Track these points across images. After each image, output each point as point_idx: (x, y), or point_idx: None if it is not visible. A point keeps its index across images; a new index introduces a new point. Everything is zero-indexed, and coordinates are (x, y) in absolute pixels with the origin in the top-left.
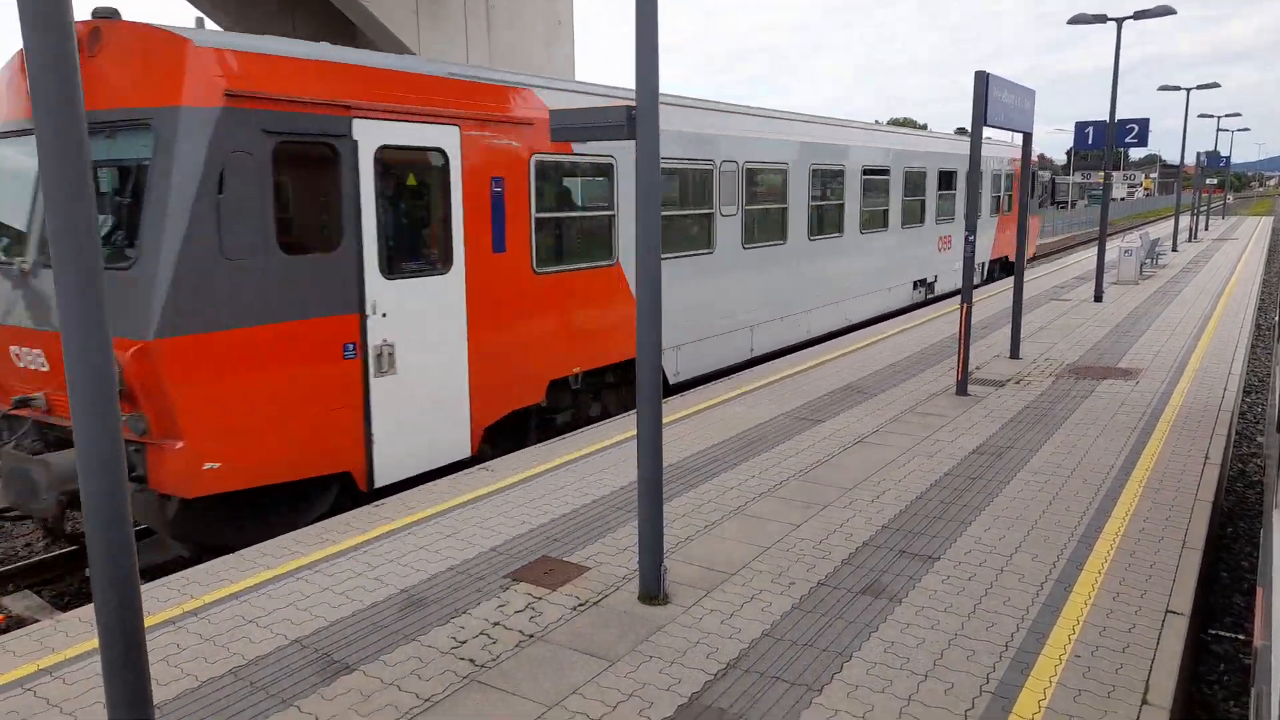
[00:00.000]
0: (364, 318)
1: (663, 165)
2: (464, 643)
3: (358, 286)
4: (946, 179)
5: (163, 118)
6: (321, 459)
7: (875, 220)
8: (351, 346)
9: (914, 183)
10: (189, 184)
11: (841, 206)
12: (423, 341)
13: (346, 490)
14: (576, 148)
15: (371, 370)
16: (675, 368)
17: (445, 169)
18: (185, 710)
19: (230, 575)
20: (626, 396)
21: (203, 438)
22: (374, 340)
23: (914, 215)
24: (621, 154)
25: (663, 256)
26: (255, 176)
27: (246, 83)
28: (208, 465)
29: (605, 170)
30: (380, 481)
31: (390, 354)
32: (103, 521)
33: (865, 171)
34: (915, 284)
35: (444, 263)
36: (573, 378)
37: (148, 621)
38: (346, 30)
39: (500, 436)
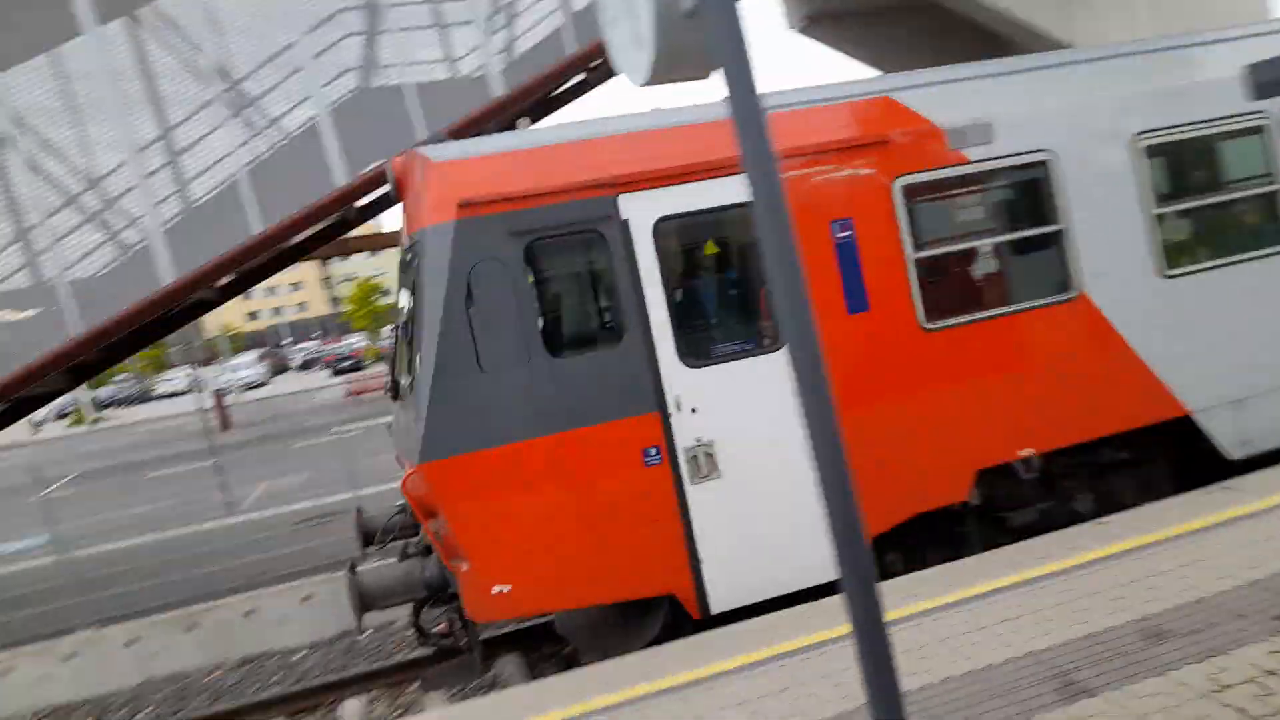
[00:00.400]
0: (665, 416)
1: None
2: (1227, 687)
3: (653, 381)
4: None
5: (418, 241)
6: (633, 581)
7: None
8: (654, 451)
9: None
10: (436, 302)
11: None
12: (753, 437)
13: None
14: (988, 150)
15: (685, 476)
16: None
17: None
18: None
19: (963, 581)
20: (1149, 477)
21: (487, 560)
22: (683, 441)
23: None
24: (1066, 143)
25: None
26: (506, 282)
27: (482, 188)
28: (496, 589)
29: (1034, 173)
30: (719, 607)
31: (708, 454)
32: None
33: None
34: None
35: (770, 338)
36: (1020, 463)
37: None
38: (992, 42)
39: (915, 545)
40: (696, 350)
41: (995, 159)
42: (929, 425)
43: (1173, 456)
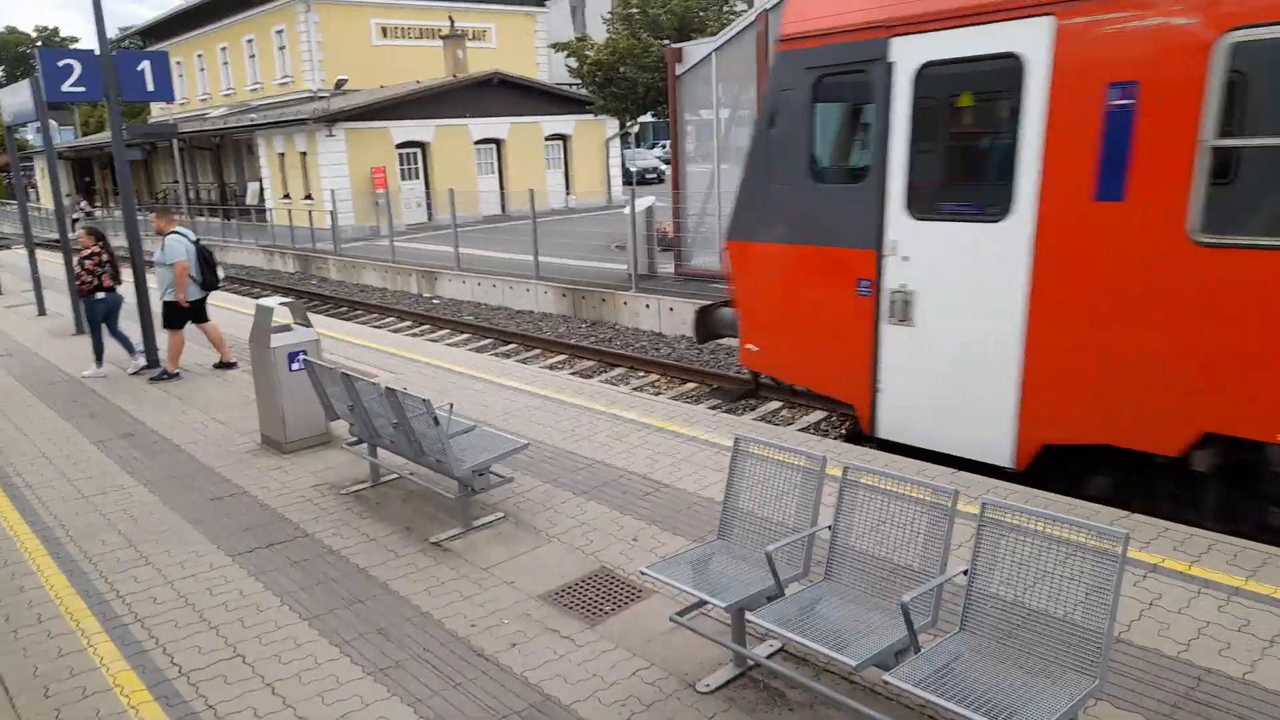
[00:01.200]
0: (880, 257)
1: None
2: None
3: (877, 223)
4: None
5: None
6: (829, 382)
7: None
8: (865, 284)
9: None
10: (760, 121)
11: None
12: (953, 299)
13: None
14: None
15: (884, 313)
16: None
17: (1018, 83)
18: None
19: None
20: None
21: (748, 322)
22: (889, 283)
23: None
24: None
25: None
26: (797, 112)
27: (796, 25)
28: (750, 345)
29: None
30: (883, 432)
31: (906, 302)
32: None
33: None
34: None
35: (998, 208)
36: (1265, 444)
37: None
38: None
39: (1092, 472)
40: (921, 203)
41: None
42: (1155, 358)
43: None
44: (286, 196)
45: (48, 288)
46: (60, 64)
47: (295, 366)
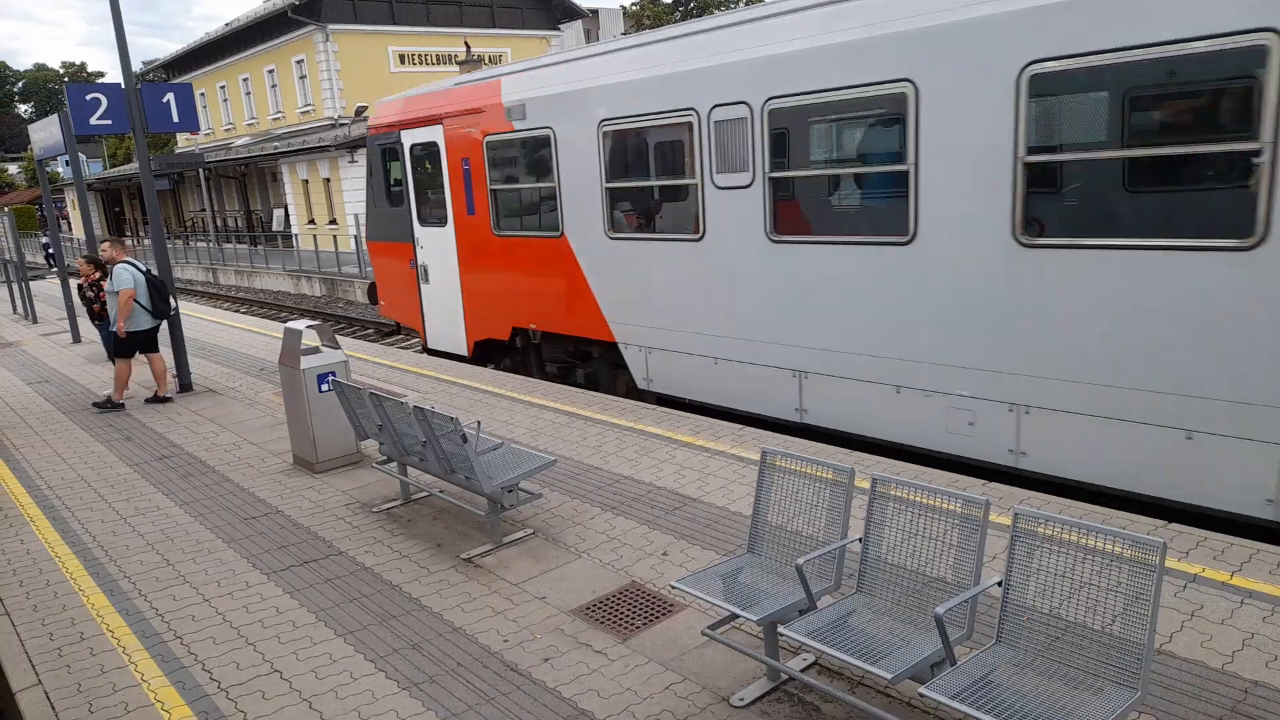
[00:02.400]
0: (416, 246)
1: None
2: None
3: (411, 228)
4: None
5: None
6: (410, 320)
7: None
8: (413, 262)
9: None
10: (367, 173)
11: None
12: (439, 269)
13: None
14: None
15: (420, 278)
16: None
17: (438, 154)
18: None
19: None
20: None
21: (379, 288)
22: (420, 261)
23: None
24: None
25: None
26: (376, 167)
27: (373, 122)
28: (381, 302)
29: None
30: (431, 345)
31: (426, 270)
32: None
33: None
34: None
35: (441, 219)
36: (530, 332)
37: None
38: None
39: (498, 353)
40: (423, 216)
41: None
42: (496, 292)
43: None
44: (311, 222)
45: (81, 315)
46: (88, 98)
47: (325, 388)
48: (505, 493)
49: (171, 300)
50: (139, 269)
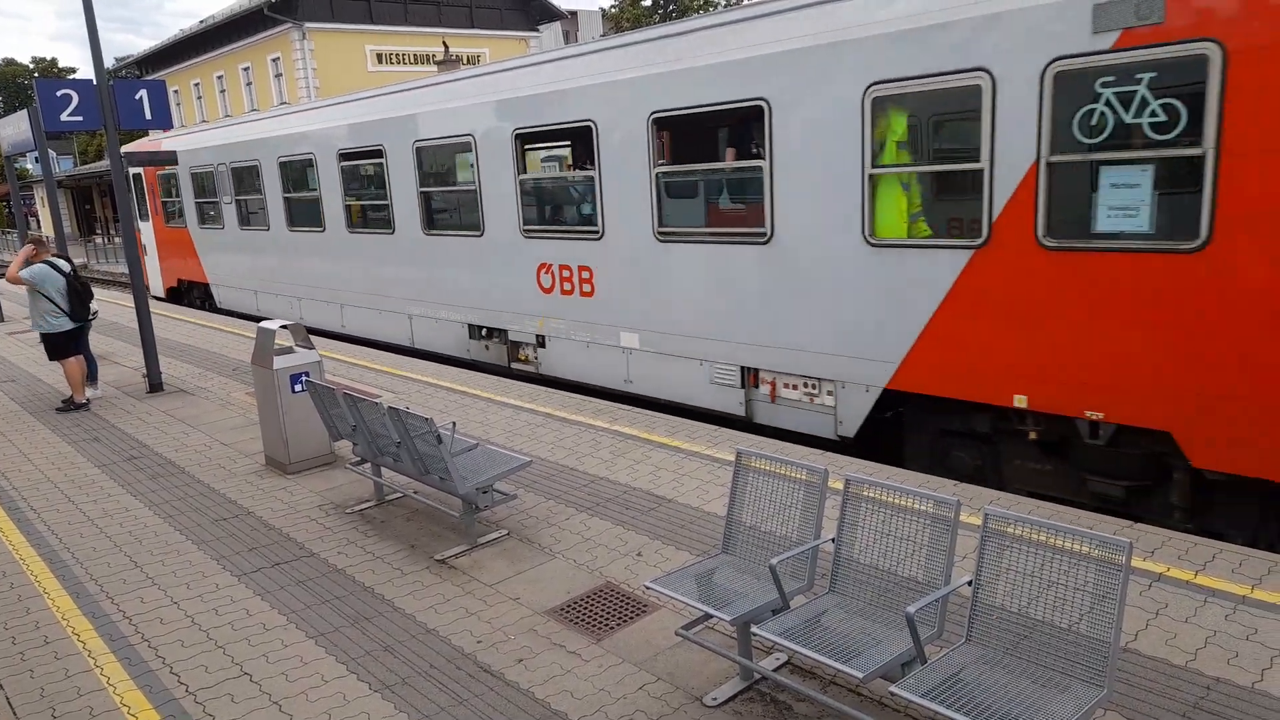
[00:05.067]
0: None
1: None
2: None
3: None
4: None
5: None
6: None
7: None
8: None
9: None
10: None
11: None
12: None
13: None
14: None
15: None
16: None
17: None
18: None
19: None
20: None
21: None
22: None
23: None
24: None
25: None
26: (132, 181)
27: (128, 150)
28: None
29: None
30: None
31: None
32: None
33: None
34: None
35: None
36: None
37: None
38: None
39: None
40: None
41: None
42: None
43: None
44: None
45: None
46: (58, 94)
47: (298, 388)
48: (480, 494)
49: (92, 306)
50: (61, 271)
